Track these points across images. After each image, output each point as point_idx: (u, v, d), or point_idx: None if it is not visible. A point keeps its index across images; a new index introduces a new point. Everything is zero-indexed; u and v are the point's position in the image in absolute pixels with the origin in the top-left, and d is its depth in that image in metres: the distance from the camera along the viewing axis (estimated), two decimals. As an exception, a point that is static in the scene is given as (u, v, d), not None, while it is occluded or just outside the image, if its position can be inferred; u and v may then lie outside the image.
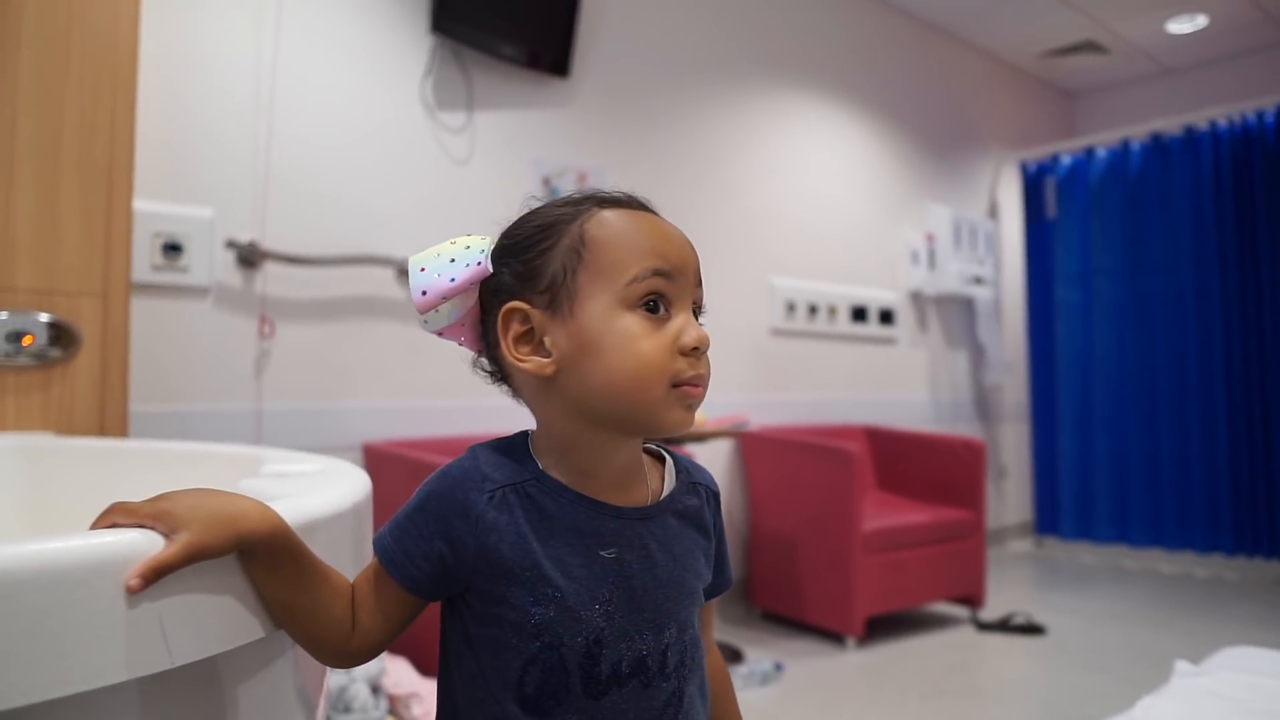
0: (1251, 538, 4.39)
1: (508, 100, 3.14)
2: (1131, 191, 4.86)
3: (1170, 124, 4.73)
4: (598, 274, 0.71)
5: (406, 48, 2.90)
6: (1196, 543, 4.55)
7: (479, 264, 0.73)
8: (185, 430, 2.38)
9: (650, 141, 3.57)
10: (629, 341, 0.70)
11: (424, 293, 0.73)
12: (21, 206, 1.84)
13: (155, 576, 0.58)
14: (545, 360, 0.71)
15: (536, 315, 0.72)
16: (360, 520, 0.89)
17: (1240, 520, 4.42)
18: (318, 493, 0.81)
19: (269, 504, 0.68)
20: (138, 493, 0.76)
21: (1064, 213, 5.14)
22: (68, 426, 1.89)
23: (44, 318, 1.84)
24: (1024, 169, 5.32)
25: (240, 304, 2.53)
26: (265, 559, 0.66)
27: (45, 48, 1.86)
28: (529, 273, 0.73)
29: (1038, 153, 5.27)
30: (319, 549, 0.72)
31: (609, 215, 0.74)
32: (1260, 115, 4.42)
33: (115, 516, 0.63)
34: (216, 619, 0.64)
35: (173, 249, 2.39)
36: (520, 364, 0.71)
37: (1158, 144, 4.77)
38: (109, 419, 1.97)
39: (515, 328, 0.72)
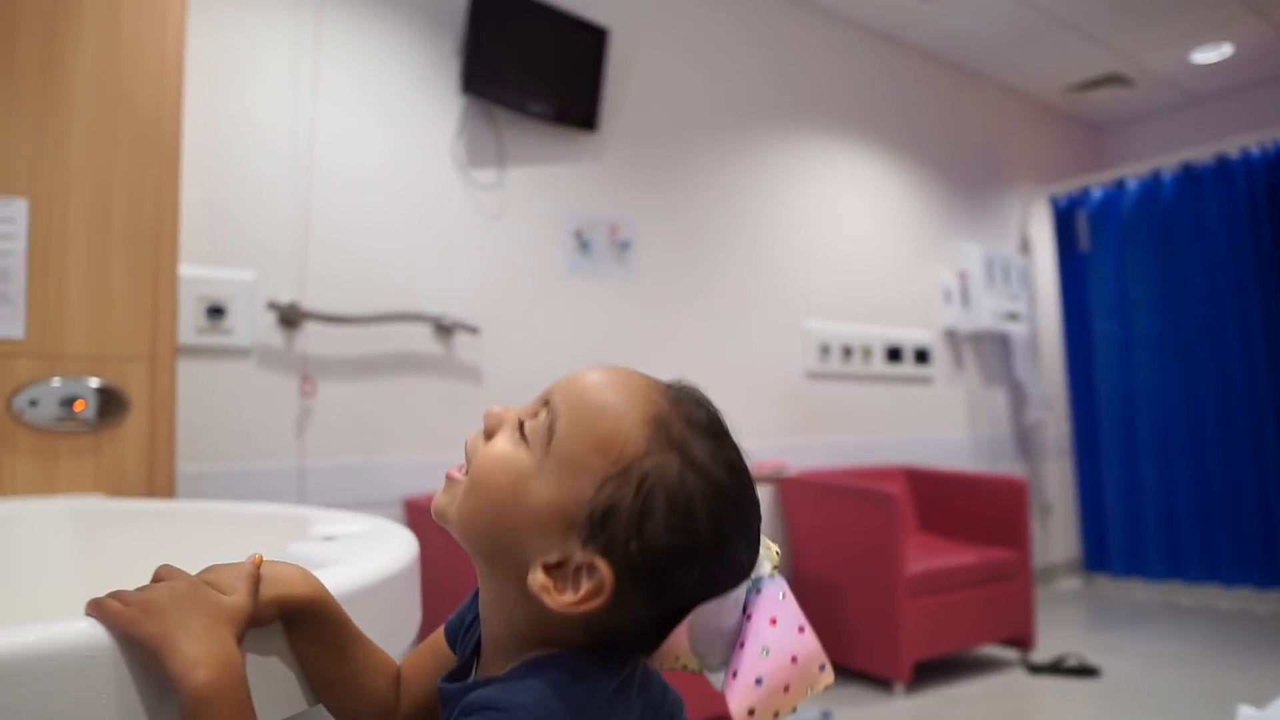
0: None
1: (538, 156, 3.20)
2: (1165, 222, 4.82)
3: (1201, 153, 4.70)
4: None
5: (438, 109, 2.97)
6: (1254, 578, 4.43)
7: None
8: (231, 489, 2.41)
9: (680, 190, 3.61)
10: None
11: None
12: (74, 276, 1.90)
13: None
14: None
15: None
16: (409, 582, 0.91)
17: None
18: (367, 558, 0.82)
19: (327, 576, 0.69)
20: (189, 553, 0.78)
21: (1097, 246, 5.10)
22: (118, 488, 1.93)
23: (94, 383, 1.89)
24: (1054, 203, 5.30)
25: (282, 363, 2.58)
26: (307, 626, 0.67)
27: (96, 125, 1.94)
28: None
29: (1067, 186, 5.25)
30: (370, 613, 0.73)
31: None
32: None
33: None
34: (261, 690, 0.65)
35: (216, 312, 2.45)
36: None
37: (1189, 173, 4.74)
38: (157, 480, 2.01)
39: None
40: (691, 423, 0.63)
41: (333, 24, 2.75)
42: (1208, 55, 4.85)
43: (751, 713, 0.59)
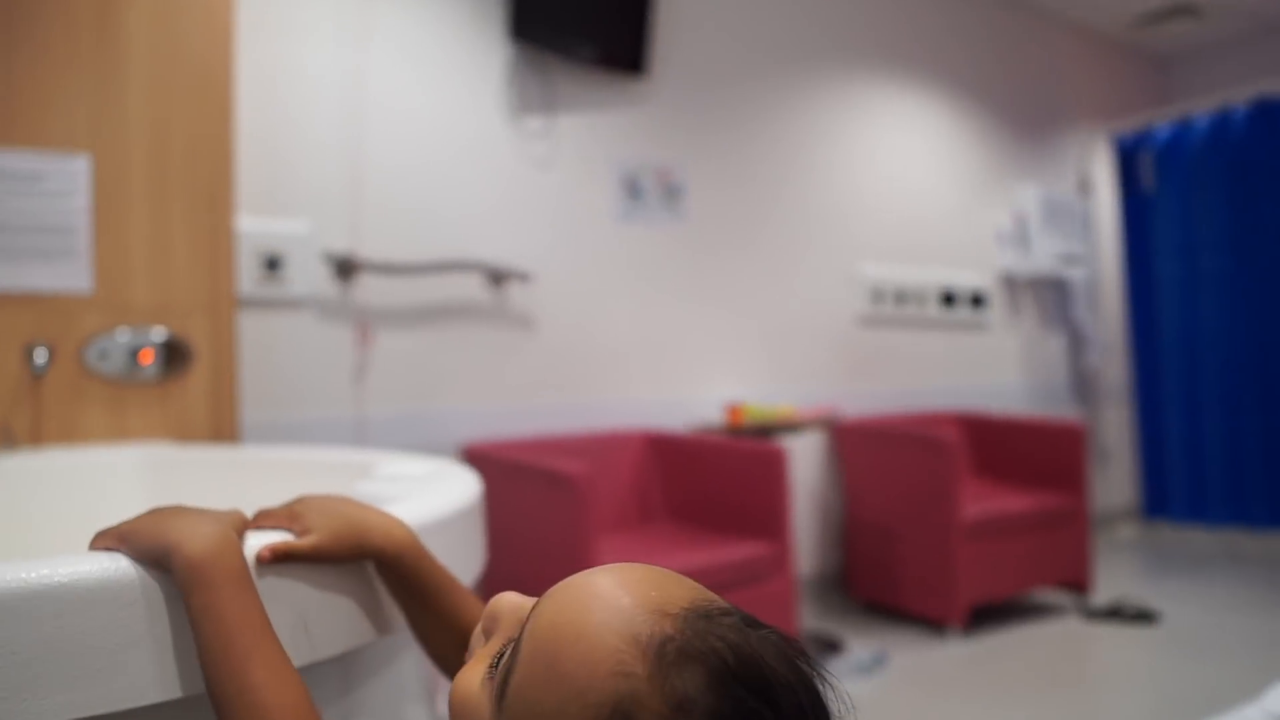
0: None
1: (587, 102, 3.17)
2: (1236, 159, 4.64)
3: (1276, 84, 4.50)
4: None
5: (487, 56, 2.95)
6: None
7: None
8: (292, 439, 2.47)
9: (731, 134, 3.56)
10: None
11: None
12: (136, 229, 1.94)
13: (281, 559, 0.64)
14: None
15: None
16: (474, 519, 0.92)
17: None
18: (436, 494, 0.84)
19: (393, 513, 0.71)
20: (257, 497, 0.80)
21: (1163, 185, 4.93)
22: (185, 436, 1.98)
23: (159, 334, 1.93)
24: (1118, 142, 5.13)
25: (339, 314, 2.61)
26: (391, 572, 0.70)
27: (151, 78, 1.96)
28: None
29: (1131, 124, 5.07)
30: (436, 549, 0.74)
31: None
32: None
33: (260, 520, 0.68)
34: (349, 618, 0.67)
35: (273, 263, 2.48)
36: None
37: (1262, 106, 4.54)
38: (223, 428, 2.06)
39: None
40: (682, 706, 0.42)
41: (379, -28, 2.74)
42: (1283, -19, 4.61)
43: None
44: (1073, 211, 4.86)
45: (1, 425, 1.75)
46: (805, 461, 3.58)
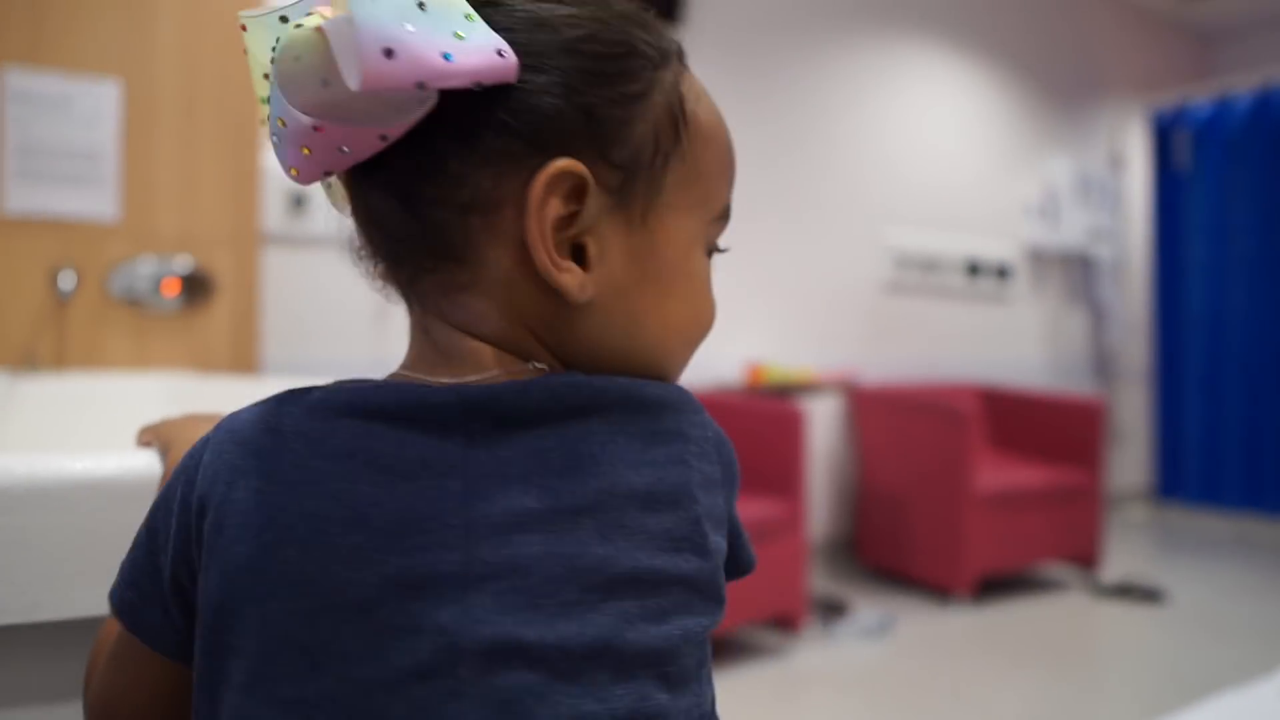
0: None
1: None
2: (1278, 139, 4.54)
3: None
4: (695, 181, 0.49)
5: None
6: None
7: (498, 54, 0.41)
8: (312, 376, 2.47)
9: (763, 90, 3.51)
10: (707, 292, 0.53)
11: (389, 52, 0.38)
12: (164, 158, 1.93)
13: None
14: (584, 277, 0.45)
15: (597, 199, 0.45)
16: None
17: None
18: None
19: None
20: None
21: (1199, 164, 4.85)
22: (205, 367, 1.99)
23: (184, 264, 1.93)
24: (1156, 118, 5.03)
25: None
26: None
27: (185, 9, 1.94)
28: (603, 121, 0.45)
29: (1169, 100, 4.97)
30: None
31: (700, 89, 0.52)
32: None
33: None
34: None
35: (299, 200, 2.47)
36: (558, 273, 0.44)
37: (1306, 88, 4.45)
38: (243, 361, 2.07)
39: (557, 206, 0.44)
40: None
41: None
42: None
43: None
44: (1104, 187, 4.79)
45: (26, 348, 1.76)
46: (822, 424, 3.57)
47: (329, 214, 2.37)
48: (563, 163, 0.43)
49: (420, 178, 0.44)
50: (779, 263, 3.54)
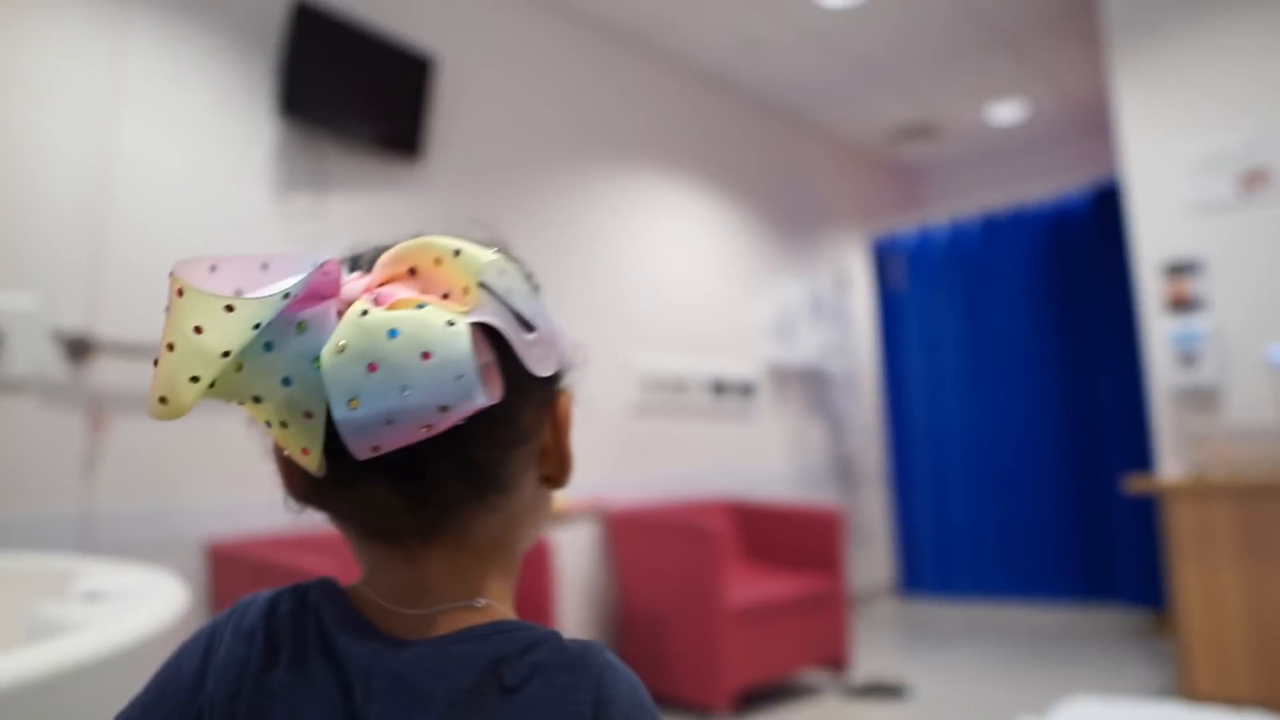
0: (1097, 584, 4.66)
1: (361, 183, 3.11)
2: (970, 264, 5.18)
3: (999, 202, 5.10)
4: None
5: (252, 129, 2.84)
6: (1047, 590, 4.81)
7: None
8: (4, 539, 2.20)
9: (507, 223, 3.57)
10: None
11: (390, 422, 0.45)
12: None
13: None
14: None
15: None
16: (168, 647, 0.84)
17: (1085, 567, 4.70)
18: (115, 624, 0.76)
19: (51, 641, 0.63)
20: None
21: (913, 285, 5.43)
22: None
23: None
24: (875, 244, 5.60)
25: (66, 398, 2.38)
26: None
27: None
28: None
29: (883, 228, 5.57)
30: (116, 686, 0.67)
31: None
32: (1078, 194, 4.81)
33: None
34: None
35: (-9, 342, 2.24)
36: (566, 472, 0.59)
37: (989, 221, 5.12)
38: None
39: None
40: None
41: (136, 34, 2.59)
42: (1005, 112, 5.26)
43: None
44: (833, 306, 5.24)
45: None
46: (577, 550, 3.58)
47: (26, 353, 2.16)
48: (565, 390, 0.59)
49: (482, 431, 0.49)
50: (532, 388, 3.56)
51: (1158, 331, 3.41)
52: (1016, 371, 4.97)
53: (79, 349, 2.38)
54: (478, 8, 3.58)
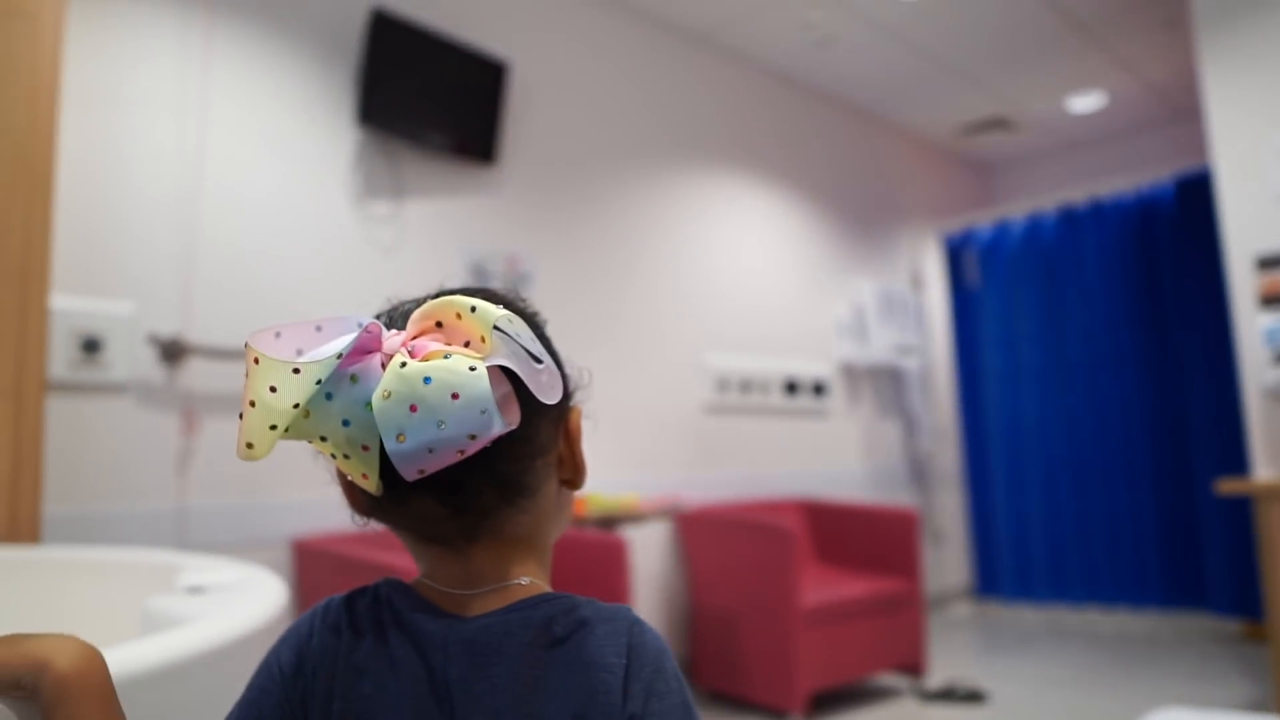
0: (1183, 591, 4.50)
1: (435, 188, 3.17)
2: (1047, 259, 5.05)
3: (1078, 194, 4.96)
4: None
5: (333, 139, 2.92)
6: (1131, 597, 4.65)
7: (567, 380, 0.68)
8: (105, 532, 2.30)
9: (580, 224, 3.63)
10: None
11: (431, 451, 0.55)
12: (-71, 309, 1.79)
13: None
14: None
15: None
16: (273, 638, 0.88)
17: (1170, 574, 4.53)
18: (226, 616, 0.79)
19: (171, 633, 0.66)
20: (46, 604, 0.74)
21: (986, 282, 5.31)
22: (-24, 534, 1.82)
23: (-49, 424, 1.78)
24: (946, 240, 5.50)
25: (162, 400, 2.48)
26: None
27: (-43, 149, 1.84)
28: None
29: (957, 225, 5.46)
30: (228, 675, 0.70)
31: None
32: (1159, 185, 4.65)
33: None
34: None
35: (91, 345, 2.34)
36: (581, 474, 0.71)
37: (1068, 214, 4.99)
38: (21, 523, 1.90)
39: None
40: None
41: (222, 49, 2.68)
42: (1083, 103, 5.12)
43: None
44: (906, 304, 5.16)
45: None
46: (651, 549, 3.59)
47: (124, 358, 2.27)
48: (575, 406, 0.71)
49: (505, 448, 0.60)
50: (601, 393, 3.58)
51: (1251, 328, 3.29)
52: (1097, 369, 4.83)
53: (172, 352, 2.47)
54: (548, 10, 3.61)
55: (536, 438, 0.64)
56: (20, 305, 1.93)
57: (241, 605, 0.86)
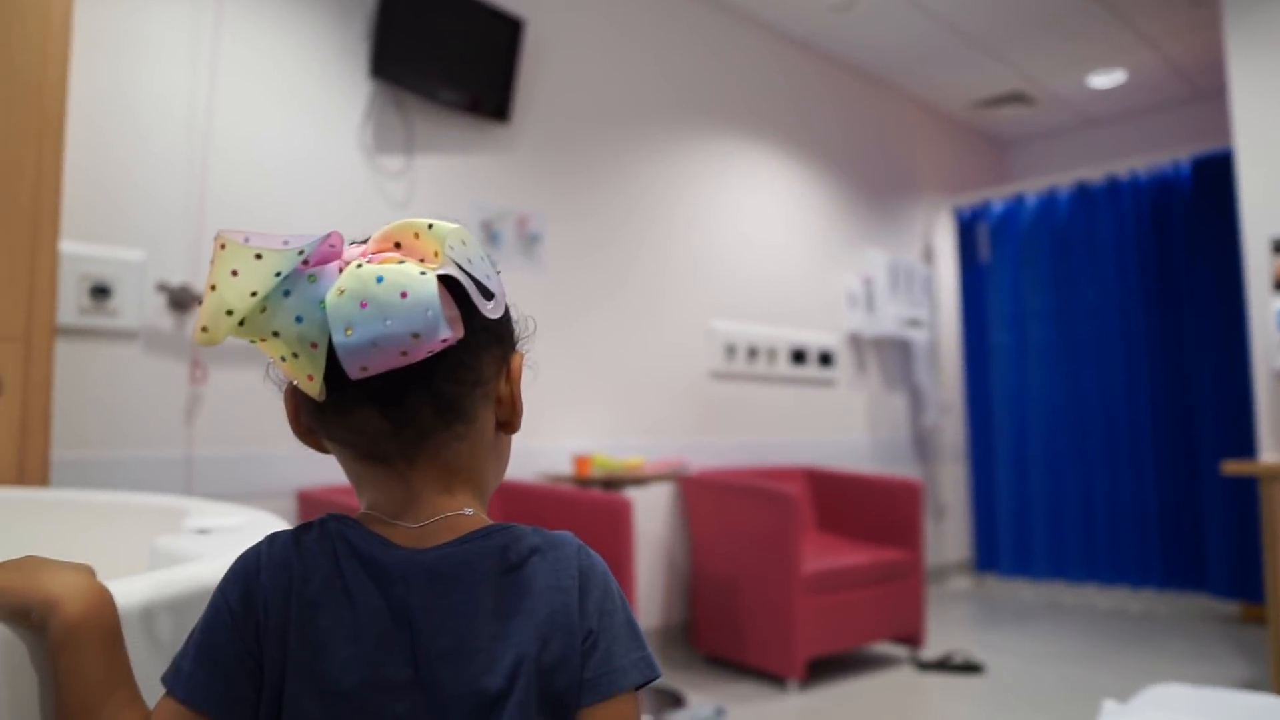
0: (1183, 573, 4.50)
1: (448, 145, 3.15)
2: (1060, 237, 5.02)
3: (1094, 172, 4.91)
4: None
5: (346, 92, 2.90)
6: (1130, 577, 4.66)
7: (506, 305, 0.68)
8: (113, 477, 2.31)
9: (591, 186, 3.61)
10: None
11: (375, 346, 0.58)
12: (-60, 250, 1.79)
13: None
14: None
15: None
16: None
17: (1170, 554, 4.54)
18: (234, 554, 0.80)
19: (178, 568, 0.67)
20: (54, 544, 0.74)
21: (997, 257, 5.28)
22: (-15, 476, 1.83)
23: (-39, 364, 1.78)
24: (958, 214, 5.46)
25: (171, 348, 2.48)
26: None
27: (-31, 89, 1.83)
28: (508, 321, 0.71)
29: (970, 199, 5.42)
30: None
31: None
32: (1176, 165, 4.60)
33: None
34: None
35: (101, 291, 2.34)
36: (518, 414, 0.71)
37: (1083, 191, 4.94)
38: (29, 467, 1.91)
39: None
40: None
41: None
42: (1103, 80, 5.06)
43: None
44: (916, 277, 5.14)
45: None
46: (653, 512, 3.60)
47: (133, 305, 2.26)
48: (519, 351, 0.71)
49: (447, 368, 0.63)
50: (608, 355, 3.59)
51: (1264, 310, 3.27)
52: (1106, 349, 4.80)
53: (181, 301, 2.47)
54: (566, -31, 3.57)
55: (478, 365, 0.66)
56: (30, 248, 1.92)
57: (248, 543, 0.87)
